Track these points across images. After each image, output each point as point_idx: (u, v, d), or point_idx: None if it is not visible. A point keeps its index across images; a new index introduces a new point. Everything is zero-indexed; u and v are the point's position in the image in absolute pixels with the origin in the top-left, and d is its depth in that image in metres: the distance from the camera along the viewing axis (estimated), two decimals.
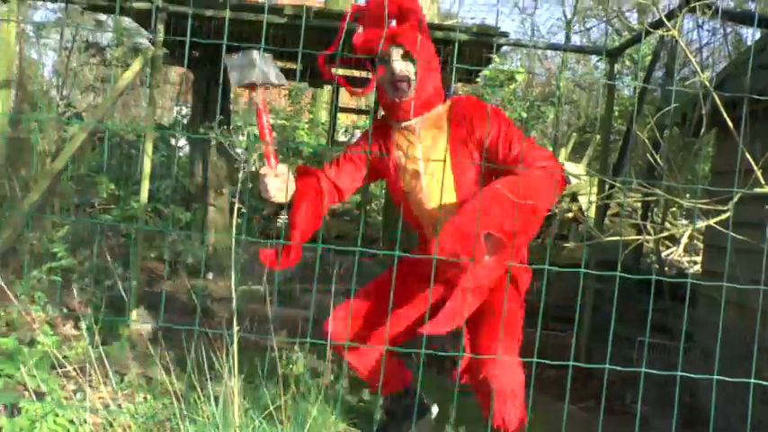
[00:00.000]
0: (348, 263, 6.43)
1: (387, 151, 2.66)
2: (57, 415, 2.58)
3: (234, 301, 2.57)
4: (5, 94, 5.04)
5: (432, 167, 2.57)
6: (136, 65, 4.45)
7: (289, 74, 7.67)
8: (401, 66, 2.50)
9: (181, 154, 10.05)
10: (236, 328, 2.41)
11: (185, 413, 2.51)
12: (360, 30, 2.55)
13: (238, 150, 12.34)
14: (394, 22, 2.53)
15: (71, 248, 5.19)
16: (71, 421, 2.57)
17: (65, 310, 4.40)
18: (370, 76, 2.58)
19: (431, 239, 2.42)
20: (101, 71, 8.08)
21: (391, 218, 7.33)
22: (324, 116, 15.20)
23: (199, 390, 2.57)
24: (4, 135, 5.02)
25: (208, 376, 2.60)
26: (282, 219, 2.52)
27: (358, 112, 10.51)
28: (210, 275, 6.54)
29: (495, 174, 2.40)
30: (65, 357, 3.25)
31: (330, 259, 6.93)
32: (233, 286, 2.54)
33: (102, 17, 8.16)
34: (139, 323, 4.48)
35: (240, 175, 2.66)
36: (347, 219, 10.40)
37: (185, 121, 9.52)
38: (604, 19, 18.01)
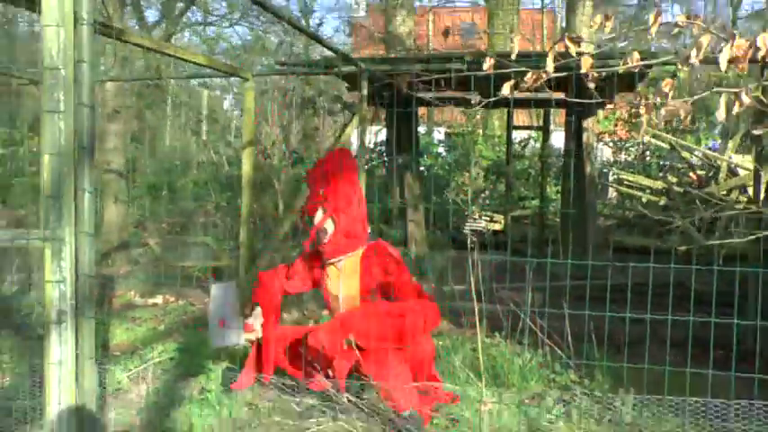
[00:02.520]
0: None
1: (321, 274, 3.75)
2: None
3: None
4: (251, 150, 6.27)
5: (346, 292, 3.63)
6: (354, 121, 5.48)
7: (468, 102, 8.51)
8: (320, 221, 3.56)
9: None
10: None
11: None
12: None
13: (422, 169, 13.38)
14: (322, 191, 3.57)
15: None
16: None
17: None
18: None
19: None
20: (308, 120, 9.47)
21: (568, 222, 7.94)
22: (497, 125, 15.90)
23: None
24: (251, 184, 6.23)
25: None
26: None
27: (529, 128, 11.17)
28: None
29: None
30: None
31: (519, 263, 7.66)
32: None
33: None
34: None
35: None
36: (526, 222, 11.05)
37: (381, 149, 10.66)
38: None
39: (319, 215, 3.56)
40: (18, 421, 3.57)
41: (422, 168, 13.47)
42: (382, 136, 12.20)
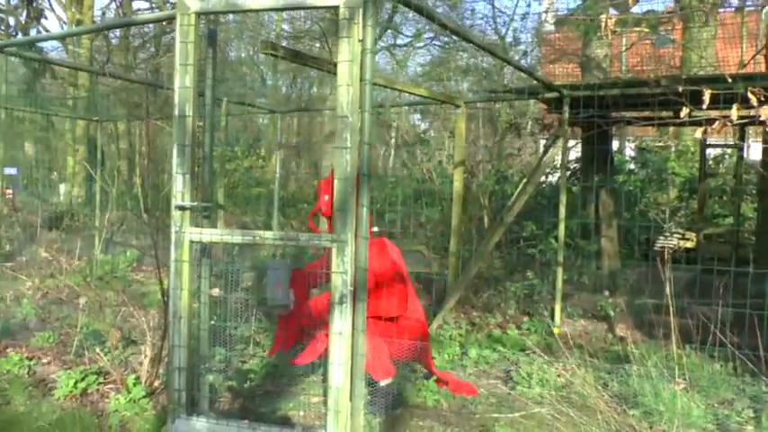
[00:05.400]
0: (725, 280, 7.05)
1: None
2: None
3: None
4: (461, 170, 6.84)
5: None
6: (559, 143, 5.89)
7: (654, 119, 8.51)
8: (329, 224, 3.99)
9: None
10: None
11: None
12: None
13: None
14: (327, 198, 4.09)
15: (507, 274, 6.83)
16: None
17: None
18: None
19: None
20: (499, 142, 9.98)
21: (765, 241, 7.74)
22: (689, 141, 15.31)
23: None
24: (461, 199, 6.81)
25: None
26: None
27: (723, 146, 10.83)
28: (606, 293, 7.71)
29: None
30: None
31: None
32: None
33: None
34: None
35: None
36: (722, 241, 10.69)
37: (575, 166, 10.86)
38: None
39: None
40: (287, 383, 4.42)
41: (614, 185, 13.39)
42: (576, 151, 12.31)
